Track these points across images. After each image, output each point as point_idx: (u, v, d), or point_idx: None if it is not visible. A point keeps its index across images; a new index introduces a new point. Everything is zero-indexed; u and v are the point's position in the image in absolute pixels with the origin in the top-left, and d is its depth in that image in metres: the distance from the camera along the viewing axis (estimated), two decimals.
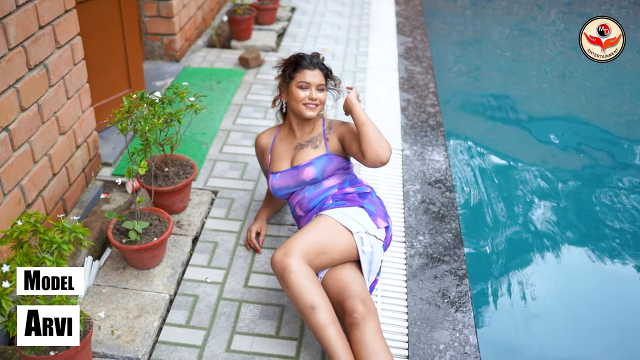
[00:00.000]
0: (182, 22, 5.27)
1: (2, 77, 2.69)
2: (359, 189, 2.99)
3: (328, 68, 3.04)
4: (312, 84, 2.95)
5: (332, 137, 3.03)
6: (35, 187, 3.04)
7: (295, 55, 3.03)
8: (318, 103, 2.97)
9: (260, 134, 3.27)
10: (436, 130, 4.43)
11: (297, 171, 3.01)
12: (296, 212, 3.08)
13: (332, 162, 2.99)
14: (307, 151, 3.03)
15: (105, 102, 4.10)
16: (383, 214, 2.93)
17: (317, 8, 6.88)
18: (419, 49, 5.91)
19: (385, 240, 2.84)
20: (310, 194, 2.99)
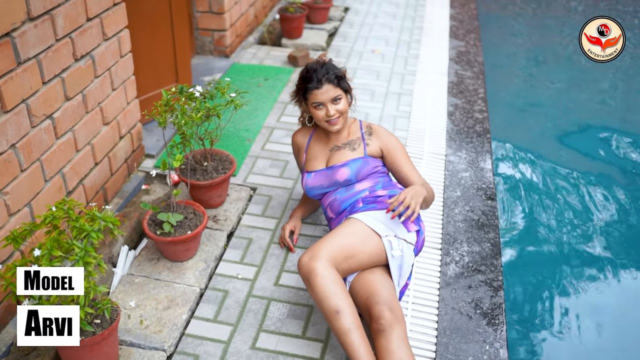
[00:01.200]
0: (233, 18, 5.31)
1: (49, 66, 2.75)
2: (391, 192, 2.95)
3: (338, 75, 2.94)
4: (325, 101, 2.91)
5: (373, 144, 3.02)
6: (76, 175, 3.10)
7: (303, 75, 2.98)
8: (339, 115, 2.93)
9: (296, 132, 3.27)
10: (482, 137, 4.34)
11: (331, 171, 2.99)
12: (327, 214, 3.06)
13: (368, 165, 2.97)
14: (344, 152, 3.02)
15: (151, 95, 4.16)
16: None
17: (370, 9, 6.84)
18: (471, 53, 5.81)
19: (416, 244, 2.80)
20: (341, 196, 2.97)
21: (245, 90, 4.69)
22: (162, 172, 3.09)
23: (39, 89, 2.72)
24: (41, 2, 2.64)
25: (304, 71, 3.00)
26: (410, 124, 4.41)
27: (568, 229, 4.09)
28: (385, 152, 3.02)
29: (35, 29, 2.63)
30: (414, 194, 2.72)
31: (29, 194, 2.74)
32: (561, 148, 5.14)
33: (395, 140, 3.05)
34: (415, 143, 4.18)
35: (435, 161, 4.01)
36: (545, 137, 5.30)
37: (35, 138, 2.73)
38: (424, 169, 3.91)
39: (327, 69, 2.92)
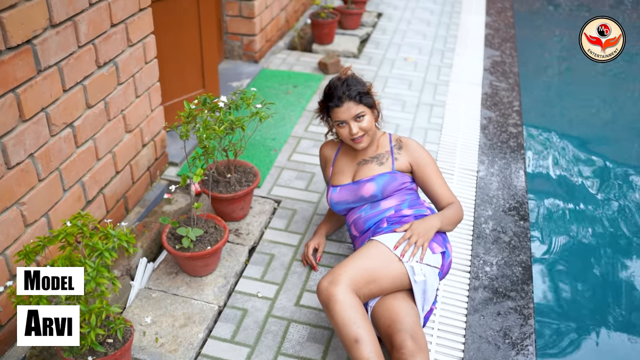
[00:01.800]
0: (264, 23, 5.22)
1: (70, 74, 2.68)
2: (417, 212, 2.83)
3: (360, 92, 2.80)
4: (347, 119, 2.80)
5: (402, 159, 2.91)
6: (96, 184, 3.03)
7: (325, 92, 2.88)
8: (363, 133, 2.82)
9: (324, 143, 3.17)
10: (516, 152, 4.18)
11: (357, 186, 2.88)
12: (351, 232, 2.95)
13: (395, 180, 2.85)
14: (371, 167, 2.91)
15: (177, 101, 4.08)
16: (441, 238, 2.76)
17: (404, 15, 6.70)
18: (507, 63, 5.64)
19: (442, 268, 2.68)
20: (366, 214, 2.86)
21: (273, 97, 4.62)
22: (181, 186, 2.98)
23: (60, 97, 2.65)
24: (64, 8, 2.57)
25: (326, 88, 2.90)
26: (441, 137, 4.27)
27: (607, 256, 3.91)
28: (415, 167, 2.90)
29: (57, 35, 2.56)
30: (423, 229, 2.63)
31: (47, 204, 2.67)
32: (601, 167, 4.93)
33: (426, 154, 2.92)
34: (446, 157, 4.05)
35: (467, 177, 3.87)
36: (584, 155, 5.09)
37: (54, 147, 2.66)
38: (455, 185, 3.77)
39: (348, 86, 2.80)
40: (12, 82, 2.35)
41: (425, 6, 7.01)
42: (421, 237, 2.62)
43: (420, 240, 2.60)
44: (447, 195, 2.87)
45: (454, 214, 2.80)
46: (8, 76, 2.32)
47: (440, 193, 2.86)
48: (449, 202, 2.85)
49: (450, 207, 2.82)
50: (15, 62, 2.34)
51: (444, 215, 2.77)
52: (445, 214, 2.77)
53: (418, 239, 2.61)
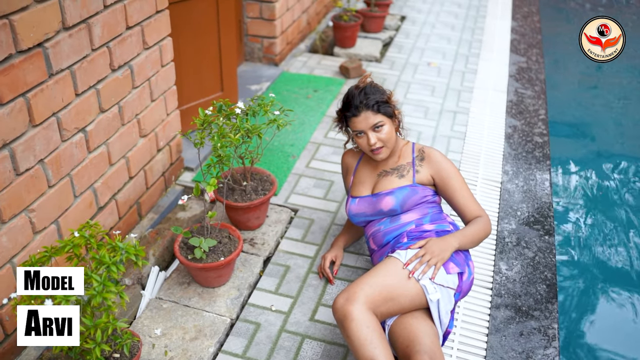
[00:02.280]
0: (285, 25, 5.13)
1: (83, 78, 2.61)
2: (438, 227, 2.71)
3: (379, 101, 2.67)
4: (365, 129, 2.68)
5: (423, 171, 2.77)
6: (109, 189, 2.96)
7: (343, 101, 2.78)
8: (381, 145, 2.70)
9: (346, 151, 3.07)
10: (542, 163, 4.05)
11: (376, 199, 2.77)
12: (370, 245, 2.84)
13: (416, 194, 2.73)
14: (391, 179, 2.79)
15: (194, 104, 4.00)
16: (463, 256, 2.63)
17: (428, 19, 6.57)
18: (533, 70, 5.50)
19: (458, 288, 2.54)
20: (386, 227, 2.75)
21: (292, 101, 4.53)
22: (193, 196, 2.89)
23: (72, 102, 2.57)
24: (77, 11, 2.50)
25: (344, 97, 2.79)
26: (465, 146, 4.15)
27: (637, 274, 3.76)
28: (438, 180, 2.76)
29: (70, 38, 2.49)
30: (439, 248, 2.51)
31: (57, 210, 2.60)
32: (631, 180, 4.76)
33: (449, 165, 2.77)
34: (469, 167, 3.92)
35: (490, 189, 3.74)
36: (612, 168, 4.91)
37: (65, 153, 2.59)
38: (478, 196, 3.65)
39: (365, 94, 2.68)
40: (23, 87, 2.28)
41: (449, 10, 6.88)
42: (435, 256, 2.48)
43: (434, 260, 2.47)
44: (473, 208, 2.72)
45: (477, 231, 2.65)
46: (18, 80, 2.25)
47: (465, 206, 2.72)
48: (475, 215, 2.70)
49: (476, 222, 2.67)
50: (25, 66, 2.27)
51: (465, 233, 2.62)
52: (466, 232, 2.63)
53: (431, 258, 2.48)
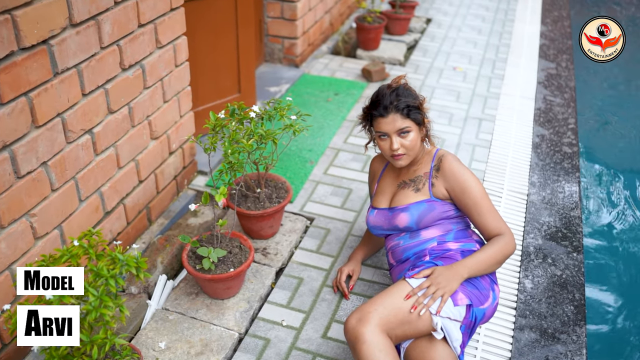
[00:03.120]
0: (306, 25, 4.99)
1: (91, 77, 2.49)
2: (464, 246, 2.52)
3: (410, 105, 2.48)
4: (389, 132, 2.49)
5: (439, 184, 2.54)
6: (116, 193, 2.84)
7: (372, 98, 2.57)
8: (404, 152, 2.51)
9: (375, 157, 2.91)
10: (571, 175, 3.86)
11: (392, 214, 2.60)
12: (389, 259, 2.68)
13: (434, 210, 2.52)
14: (407, 193, 2.59)
15: (210, 105, 3.87)
16: (488, 280, 2.45)
17: (454, 22, 6.39)
18: (563, 77, 5.30)
19: (464, 320, 2.32)
20: (405, 243, 2.57)
21: (312, 104, 4.39)
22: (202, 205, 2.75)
23: (78, 102, 2.46)
24: (86, 7, 2.37)
25: (374, 94, 2.59)
26: (490, 155, 3.97)
27: None
28: (452, 195, 2.52)
29: (77, 35, 2.37)
30: (445, 279, 2.30)
31: (60, 215, 2.49)
32: None
33: (465, 177, 2.48)
34: (494, 178, 3.75)
35: (516, 201, 3.57)
36: None
37: (70, 155, 2.47)
38: (503, 209, 3.48)
39: (397, 96, 2.48)
40: (25, 86, 2.16)
41: (477, 13, 6.69)
42: (441, 287, 2.28)
43: (440, 292, 2.27)
44: (494, 225, 2.47)
45: (494, 254, 2.40)
46: (20, 79, 2.14)
47: (485, 223, 2.47)
48: (496, 232, 2.46)
49: (493, 243, 2.43)
50: (28, 64, 2.16)
51: (478, 259, 2.38)
52: (479, 258, 2.39)
53: (437, 289, 2.28)
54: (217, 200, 2.29)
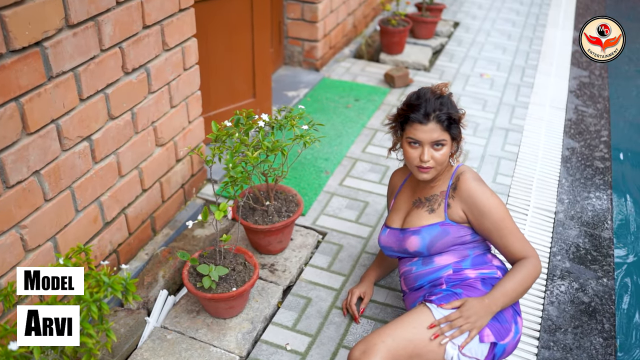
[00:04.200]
0: (328, 28, 4.81)
1: (89, 81, 2.34)
2: (483, 274, 2.31)
3: (452, 117, 2.27)
4: (424, 141, 2.26)
5: (455, 205, 2.33)
6: (117, 203, 2.69)
7: (411, 100, 2.32)
8: (433, 165, 2.29)
9: (396, 170, 2.69)
10: (603, 192, 3.64)
11: (403, 236, 2.39)
12: (401, 285, 2.49)
13: (447, 235, 2.31)
14: (421, 214, 2.38)
15: (222, 110, 3.71)
16: (511, 312, 2.25)
17: (483, 25, 6.17)
18: (596, 85, 5.06)
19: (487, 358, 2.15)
20: (417, 269, 2.37)
21: (331, 111, 4.22)
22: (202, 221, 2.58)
23: (75, 107, 2.31)
24: (84, 7, 2.23)
25: (414, 96, 2.33)
26: (516, 169, 3.76)
27: None
28: (471, 218, 2.30)
29: (75, 37, 2.22)
30: (476, 314, 2.12)
31: (54, 227, 2.35)
32: None
33: (485, 198, 2.26)
34: (519, 193, 3.54)
35: (542, 219, 3.36)
36: None
37: (65, 163, 2.33)
38: (528, 228, 3.27)
39: (441, 105, 2.25)
40: (15, 90, 2.02)
41: (507, 17, 6.45)
42: (470, 322, 2.10)
43: (467, 326, 2.09)
44: (519, 247, 2.27)
45: (523, 281, 2.21)
46: (10, 83, 2.00)
47: (508, 246, 2.27)
48: (520, 256, 2.26)
49: (520, 268, 2.23)
50: (19, 67, 2.01)
51: (507, 290, 2.19)
52: (508, 288, 2.19)
53: (465, 324, 2.10)
54: (217, 217, 2.12)
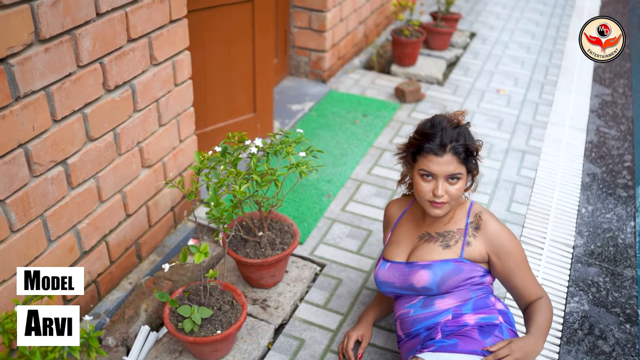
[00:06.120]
0: (336, 37, 4.57)
1: (64, 101, 2.13)
2: (483, 319, 2.12)
3: (469, 149, 2.10)
4: (438, 174, 2.08)
5: (476, 244, 2.17)
6: (97, 231, 2.48)
7: (425, 128, 2.14)
8: (447, 200, 2.10)
9: (392, 201, 2.49)
10: (626, 224, 3.38)
11: (409, 270, 2.19)
12: (396, 329, 2.28)
13: (460, 273, 2.14)
14: (432, 248, 2.20)
15: (220, 126, 3.48)
16: None
17: (500, 37, 5.90)
18: (619, 105, 4.79)
19: None
20: (415, 313, 2.18)
21: (337, 127, 4.00)
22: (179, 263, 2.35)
23: (48, 129, 2.10)
24: (58, 20, 2.01)
25: (427, 124, 2.15)
26: (532, 196, 3.51)
27: None
28: (494, 259, 2.17)
29: (47, 53, 2.00)
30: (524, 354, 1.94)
31: (23, 259, 2.14)
32: None
33: (509, 239, 2.17)
34: (535, 224, 3.29)
35: (559, 254, 3.10)
36: None
37: (36, 191, 2.11)
38: (543, 263, 3.02)
39: (458, 135, 2.09)
40: None
41: (526, 28, 6.18)
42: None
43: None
44: (534, 289, 2.17)
45: (549, 319, 2.11)
46: None
47: (525, 288, 2.17)
48: (535, 297, 2.16)
49: (541, 308, 2.12)
50: None
51: (543, 328, 2.07)
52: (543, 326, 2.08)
53: None
54: (196, 261, 1.89)
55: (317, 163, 2.59)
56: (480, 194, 3.43)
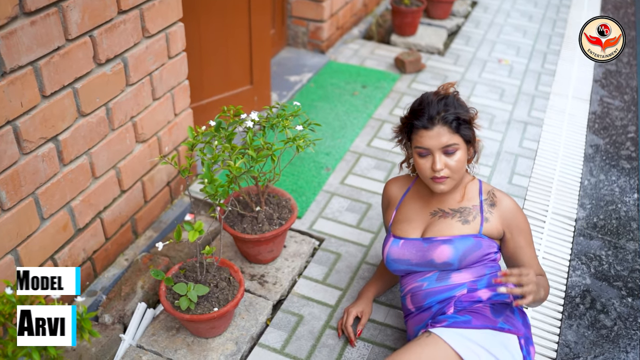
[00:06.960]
0: (335, 7, 4.48)
1: (53, 76, 2.07)
2: (496, 297, 2.11)
3: (460, 117, 2.06)
4: (432, 148, 2.05)
5: (494, 220, 2.15)
6: (91, 207, 2.43)
7: (414, 106, 2.13)
8: (448, 174, 2.07)
9: (391, 180, 2.44)
10: (629, 197, 3.33)
11: (428, 245, 2.16)
12: (406, 303, 2.24)
13: (479, 248, 2.12)
14: (451, 224, 2.16)
15: (217, 98, 3.42)
16: (525, 338, 2.03)
17: (502, 5, 5.79)
18: (623, 74, 4.71)
19: None
20: (430, 285, 2.15)
21: (336, 98, 3.94)
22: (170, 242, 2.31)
23: (37, 105, 2.04)
24: None
25: (416, 101, 2.14)
26: (534, 168, 3.46)
27: None
28: (508, 235, 2.16)
29: (33, 26, 1.94)
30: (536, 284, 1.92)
31: (14, 238, 2.09)
32: None
33: (523, 217, 2.17)
34: (537, 197, 3.24)
35: (562, 227, 3.07)
36: None
37: (26, 168, 2.07)
38: (545, 237, 2.98)
39: (445, 105, 2.06)
40: None
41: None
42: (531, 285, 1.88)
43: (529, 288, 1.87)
44: (537, 268, 2.18)
45: (547, 292, 2.13)
46: None
47: (530, 267, 2.15)
48: (540, 273, 2.18)
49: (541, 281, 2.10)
50: None
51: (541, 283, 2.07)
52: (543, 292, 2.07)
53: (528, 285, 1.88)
54: (191, 239, 1.86)
55: (314, 136, 2.52)
56: (482, 166, 3.38)
